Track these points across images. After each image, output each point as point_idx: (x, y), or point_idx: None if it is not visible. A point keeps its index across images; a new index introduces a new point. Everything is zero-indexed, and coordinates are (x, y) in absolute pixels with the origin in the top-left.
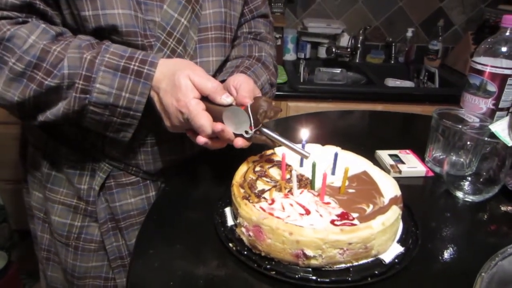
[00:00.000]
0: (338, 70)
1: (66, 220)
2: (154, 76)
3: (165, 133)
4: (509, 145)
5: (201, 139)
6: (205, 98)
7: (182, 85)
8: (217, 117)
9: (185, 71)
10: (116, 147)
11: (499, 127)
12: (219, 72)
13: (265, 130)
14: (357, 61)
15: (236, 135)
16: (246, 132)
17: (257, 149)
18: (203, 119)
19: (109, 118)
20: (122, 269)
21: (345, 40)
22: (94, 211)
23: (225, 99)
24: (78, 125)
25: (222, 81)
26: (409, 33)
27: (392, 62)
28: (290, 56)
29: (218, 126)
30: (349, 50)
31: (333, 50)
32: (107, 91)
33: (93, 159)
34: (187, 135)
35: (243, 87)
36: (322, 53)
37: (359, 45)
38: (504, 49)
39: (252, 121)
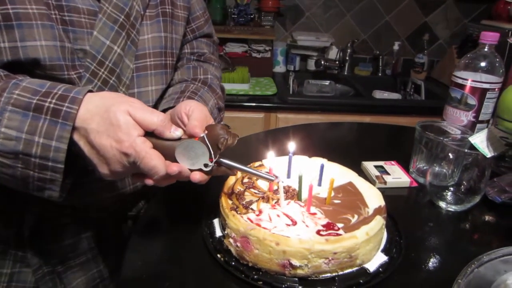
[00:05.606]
0: (326, 82)
1: None
2: (76, 116)
3: None
4: (488, 156)
5: (150, 181)
6: (148, 134)
7: (121, 122)
8: (166, 154)
9: (122, 105)
10: None
11: (477, 139)
12: (160, 101)
13: (224, 160)
14: (345, 73)
15: (193, 171)
16: (206, 165)
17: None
18: (154, 160)
19: (24, 172)
20: None
21: (333, 53)
22: (25, 256)
23: (174, 132)
24: None
25: (167, 109)
26: (396, 47)
27: (380, 74)
28: (279, 69)
29: (174, 168)
30: (337, 62)
31: (322, 62)
32: (15, 136)
33: (22, 201)
34: (130, 178)
35: (195, 115)
36: (311, 65)
37: (347, 58)
38: (483, 64)
39: (212, 153)
